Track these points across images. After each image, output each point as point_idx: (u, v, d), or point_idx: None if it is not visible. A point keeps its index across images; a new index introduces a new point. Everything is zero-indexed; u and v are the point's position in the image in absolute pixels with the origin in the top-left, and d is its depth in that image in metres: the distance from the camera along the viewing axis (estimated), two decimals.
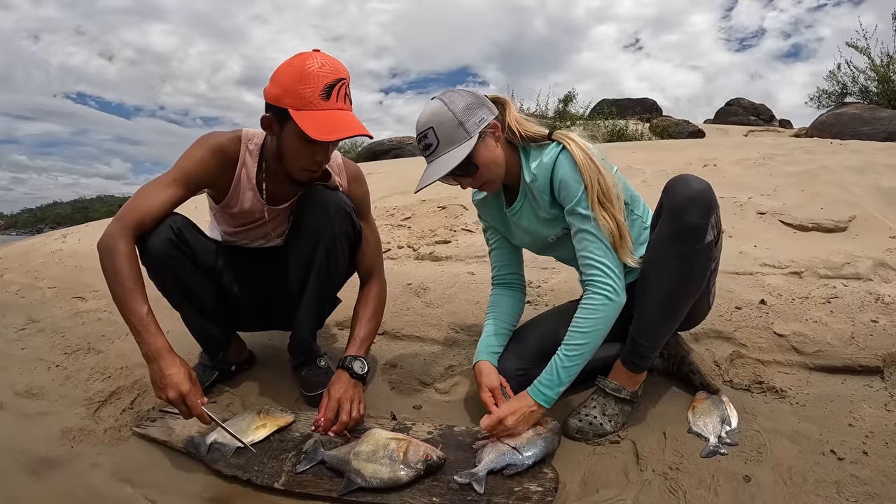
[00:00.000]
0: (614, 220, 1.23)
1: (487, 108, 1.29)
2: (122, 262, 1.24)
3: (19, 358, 1.97)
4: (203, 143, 1.40)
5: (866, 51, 7.97)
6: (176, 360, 1.22)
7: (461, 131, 1.25)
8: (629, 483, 1.12)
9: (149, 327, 1.22)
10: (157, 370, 1.20)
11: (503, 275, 1.58)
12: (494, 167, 1.31)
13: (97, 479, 1.24)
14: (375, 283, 1.60)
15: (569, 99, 11.86)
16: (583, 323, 1.22)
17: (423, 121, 1.27)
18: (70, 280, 3.15)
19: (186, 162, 1.37)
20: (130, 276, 1.24)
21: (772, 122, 13.89)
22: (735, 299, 1.89)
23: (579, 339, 1.22)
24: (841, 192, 3.15)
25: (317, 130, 1.21)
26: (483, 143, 1.27)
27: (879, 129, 5.94)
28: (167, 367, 1.20)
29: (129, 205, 1.32)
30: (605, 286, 1.21)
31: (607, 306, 1.21)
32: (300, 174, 1.38)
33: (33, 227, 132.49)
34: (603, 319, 1.22)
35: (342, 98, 1.27)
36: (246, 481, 1.19)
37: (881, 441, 1.16)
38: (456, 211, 3.62)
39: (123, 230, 1.27)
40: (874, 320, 1.64)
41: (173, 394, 1.18)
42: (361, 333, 1.50)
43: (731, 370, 1.52)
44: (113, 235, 1.26)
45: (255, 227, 1.54)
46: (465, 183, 1.35)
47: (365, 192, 1.62)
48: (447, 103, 1.26)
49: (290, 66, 1.25)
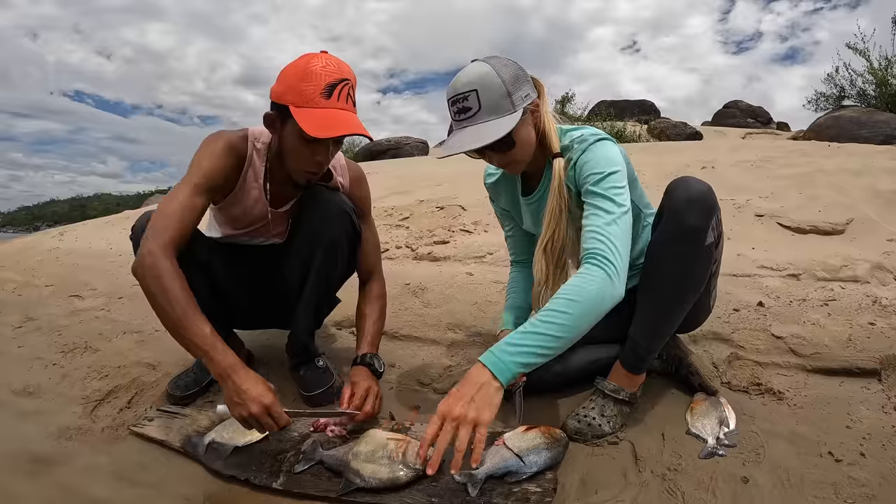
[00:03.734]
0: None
1: (531, 84, 1.22)
2: (171, 281, 1.17)
3: (16, 356, 1.96)
4: (215, 142, 1.37)
5: (865, 53, 8.01)
6: (251, 373, 1.17)
7: (507, 102, 1.15)
8: (627, 484, 1.12)
9: (216, 345, 1.15)
10: (232, 387, 1.13)
11: (522, 259, 1.61)
12: (528, 147, 1.24)
13: (94, 479, 1.24)
14: (376, 282, 1.61)
15: (567, 100, 11.90)
16: (570, 290, 1.07)
17: (467, 81, 1.15)
18: (67, 278, 3.14)
19: (204, 164, 1.33)
20: (183, 295, 1.17)
21: (769, 125, 13.94)
22: (733, 301, 1.90)
23: (559, 307, 1.05)
24: (839, 194, 3.16)
25: (314, 127, 1.20)
26: (524, 121, 1.19)
27: (877, 133, 5.97)
28: (243, 381, 1.14)
29: (162, 221, 1.24)
30: (606, 261, 1.08)
31: (602, 281, 1.06)
32: (299, 176, 1.36)
33: (30, 224, 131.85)
34: (592, 294, 1.05)
35: (344, 98, 1.25)
36: (244, 481, 1.19)
37: (878, 443, 1.16)
38: (454, 211, 3.62)
39: (164, 248, 1.20)
40: (872, 323, 1.65)
41: (256, 408, 1.13)
42: (371, 332, 1.51)
43: (729, 372, 1.52)
44: (154, 254, 1.18)
45: (256, 229, 1.54)
46: (492, 159, 1.26)
47: (366, 193, 1.63)
48: (496, 68, 1.15)
49: (296, 64, 1.25)
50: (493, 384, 1.03)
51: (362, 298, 1.58)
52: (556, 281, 1.29)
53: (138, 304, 2.50)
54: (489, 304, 2.13)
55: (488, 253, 2.81)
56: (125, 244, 3.85)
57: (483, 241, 2.99)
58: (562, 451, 1.19)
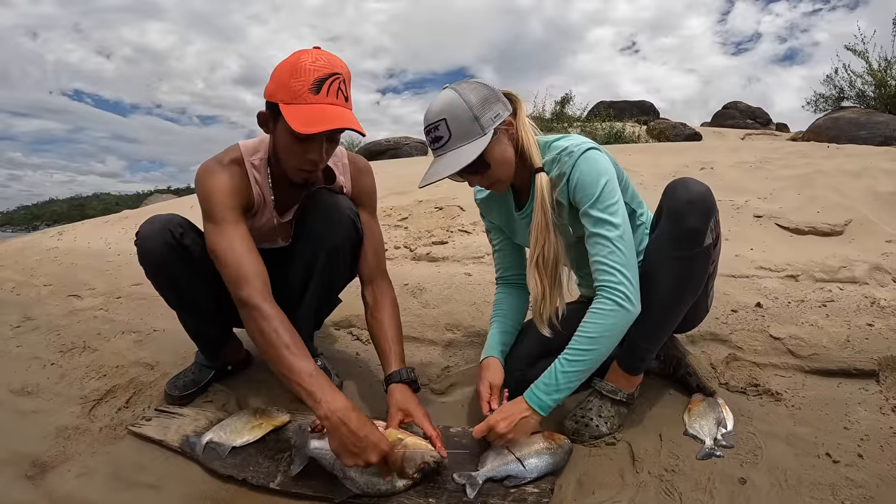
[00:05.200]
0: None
1: (503, 103, 1.23)
2: (277, 324, 1.17)
3: (14, 356, 1.96)
4: (214, 172, 1.33)
5: (864, 55, 8.01)
6: (363, 417, 1.12)
7: (476, 126, 1.17)
8: (625, 485, 1.12)
9: (325, 387, 1.12)
10: (347, 433, 1.08)
11: (507, 276, 1.57)
12: (506, 166, 1.25)
13: (92, 478, 1.24)
14: (384, 285, 1.51)
15: (566, 101, 11.89)
16: (589, 328, 1.16)
17: (435, 111, 1.19)
18: (66, 278, 3.14)
19: (217, 197, 1.30)
20: (291, 338, 1.16)
21: (768, 126, 13.94)
22: (731, 302, 1.90)
23: (583, 345, 1.15)
24: (837, 195, 3.16)
25: (300, 123, 1.16)
26: (497, 141, 1.20)
27: (876, 134, 5.98)
28: (360, 428, 1.09)
29: (237, 271, 1.23)
30: (617, 292, 1.15)
31: (617, 313, 1.15)
32: (295, 174, 1.33)
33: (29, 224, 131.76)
34: (612, 327, 1.15)
35: (334, 93, 1.21)
36: (241, 481, 1.19)
37: (876, 444, 1.16)
38: (453, 212, 3.62)
39: (260, 295, 1.20)
40: (870, 324, 1.65)
41: (376, 457, 1.08)
42: (396, 344, 1.41)
43: (727, 373, 1.52)
44: (257, 308, 1.19)
45: (262, 235, 1.50)
46: (473, 181, 1.28)
47: (371, 185, 1.57)
48: (462, 95, 1.17)
49: (286, 61, 1.22)
50: (535, 417, 1.20)
51: (373, 306, 1.47)
52: (553, 294, 1.29)
53: (137, 304, 2.50)
54: (487, 305, 2.13)
55: (486, 253, 2.80)
56: (124, 244, 3.86)
57: (481, 242, 2.99)
58: (564, 458, 1.18)
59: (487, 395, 1.31)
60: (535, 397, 1.19)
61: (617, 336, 1.17)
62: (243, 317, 1.21)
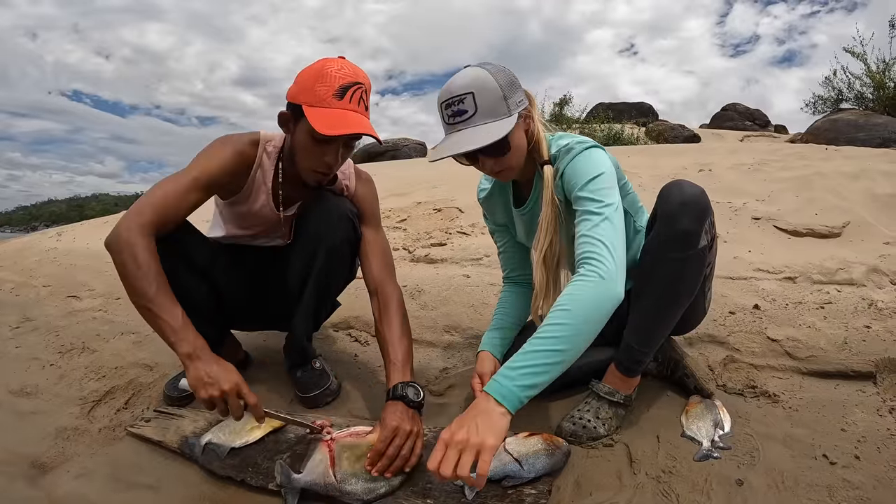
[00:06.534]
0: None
1: (524, 92, 1.23)
2: (146, 258, 1.15)
3: (13, 356, 1.96)
4: (224, 145, 1.38)
5: (863, 57, 8.04)
6: (219, 358, 1.16)
7: (504, 106, 1.14)
8: (622, 486, 1.12)
9: (187, 326, 1.15)
10: (202, 366, 1.11)
11: (514, 276, 1.59)
12: (521, 154, 1.23)
13: (91, 479, 1.24)
14: (392, 293, 1.44)
15: (564, 102, 11.91)
16: (565, 300, 1.03)
17: (463, 84, 1.14)
18: (65, 278, 3.14)
19: (208, 163, 1.34)
20: (156, 273, 1.15)
21: (767, 128, 13.96)
22: (729, 304, 1.90)
23: (555, 319, 1.02)
24: (835, 197, 3.17)
25: (324, 125, 1.22)
26: (517, 126, 1.18)
27: (874, 136, 5.99)
28: (212, 362, 1.13)
29: (149, 202, 1.24)
30: (598, 262, 1.05)
31: (597, 284, 1.03)
32: (308, 175, 1.36)
33: (28, 224, 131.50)
34: (590, 299, 1.02)
35: (356, 101, 1.27)
36: (240, 482, 1.19)
37: (873, 446, 1.16)
38: (451, 213, 3.63)
39: (143, 227, 1.19)
40: (867, 326, 1.65)
41: (228, 385, 1.10)
42: (399, 356, 1.31)
43: (724, 374, 1.52)
44: (130, 230, 1.17)
45: (261, 230, 1.54)
46: (486, 164, 1.22)
47: (373, 196, 1.59)
48: (492, 72, 1.15)
49: (312, 67, 1.28)
50: (497, 409, 0.97)
51: (380, 315, 1.41)
52: (548, 292, 1.30)
53: None
54: (486, 307, 2.13)
55: (485, 255, 2.81)
56: None
57: (480, 244, 2.99)
58: (562, 459, 1.18)
59: (479, 387, 1.32)
60: (495, 384, 1.00)
61: (595, 311, 1.02)
62: (117, 244, 1.17)
